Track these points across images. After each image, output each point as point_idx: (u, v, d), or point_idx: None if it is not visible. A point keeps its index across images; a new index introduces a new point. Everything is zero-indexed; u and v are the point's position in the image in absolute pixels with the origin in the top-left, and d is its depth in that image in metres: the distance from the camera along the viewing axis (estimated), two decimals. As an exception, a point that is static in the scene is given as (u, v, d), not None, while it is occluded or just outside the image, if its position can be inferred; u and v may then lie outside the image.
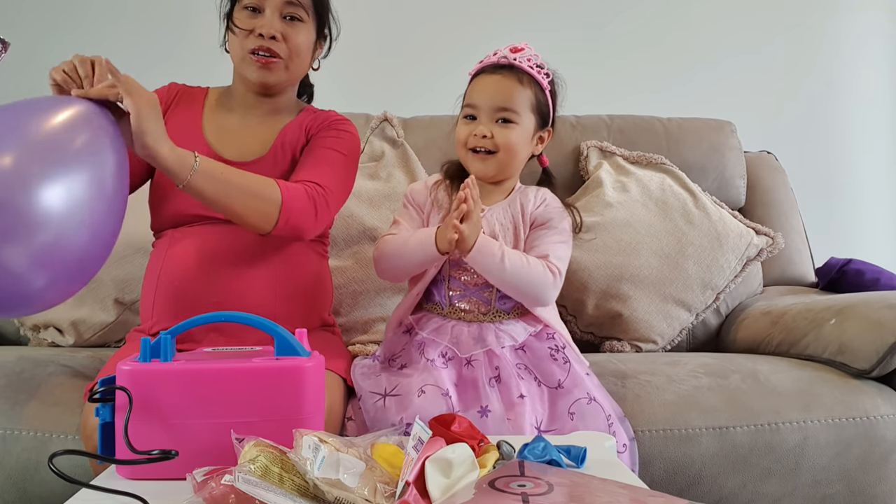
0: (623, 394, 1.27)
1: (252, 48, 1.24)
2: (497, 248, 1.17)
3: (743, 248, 1.76)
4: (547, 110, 1.28)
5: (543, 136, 1.30)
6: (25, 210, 0.84)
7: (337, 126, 1.32)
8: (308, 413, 0.81)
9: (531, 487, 0.64)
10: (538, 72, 1.26)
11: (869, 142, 2.43)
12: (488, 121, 1.23)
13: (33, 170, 0.86)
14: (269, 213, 1.13)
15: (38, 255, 0.85)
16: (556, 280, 1.21)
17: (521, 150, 1.26)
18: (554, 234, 1.24)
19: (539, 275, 1.19)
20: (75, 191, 0.89)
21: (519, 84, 1.24)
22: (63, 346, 1.61)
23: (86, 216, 0.91)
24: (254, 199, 1.12)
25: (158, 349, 0.82)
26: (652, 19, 2.37)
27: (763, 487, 1.24)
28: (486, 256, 1.16)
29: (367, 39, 2.23)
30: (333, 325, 1.42)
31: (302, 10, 1.25)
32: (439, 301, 1.28)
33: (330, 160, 1.26)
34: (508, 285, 1.20)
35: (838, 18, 2.42)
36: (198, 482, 0.67)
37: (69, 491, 0.73)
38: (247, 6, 1.24)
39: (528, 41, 1.31)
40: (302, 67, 1.31)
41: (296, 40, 1.25)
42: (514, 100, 1.23)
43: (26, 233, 0.84)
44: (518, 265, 1.18)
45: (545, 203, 1.28)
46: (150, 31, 2.23)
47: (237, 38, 1.26)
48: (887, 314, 1.33)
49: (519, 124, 1.23)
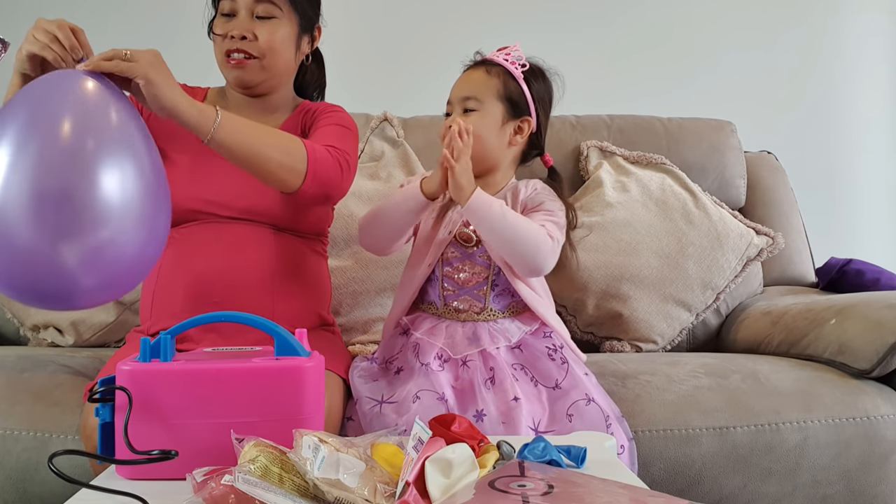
0: (623, 394, 1.27)
1: (226, 50, 1.25)
2: (495, 201, 1.17)
3: (743, 248, 1.76)
4: (520, 99, 1.27)
5: (522, 127, 1.28)
6: (89, 201, 0.82)
7: (332, 109, 1.33)
8: (308, 413, 0.81)
9: (531, 487, 0.64)
10: (511, 63, 1.27)
11: (869, 142, 2.43)
12: (458, 112, 1.27)
13: (89, 158, 0.83)
14: (297, 168, 1.12)
15: (95, 253, 0.83)
16: (554, 245, 1.19)
17: (490, 138, 1.25)
18: (546, 214, 1.24)
19: (537, 233, 1.18)
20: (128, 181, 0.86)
21: (486, 75, 1.27)
22: (63, 346, 1.62)
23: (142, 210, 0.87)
24: (281, 153, 1.11)
25: (158, 349, 0.82)
26: (652, 19, 2.37)
27: (763, 487, 1.24)
28: (484, 206, 1.15)
29: (367, 39, 2.23)
30: (333, 325, 1.41)
31: (275, 8, 1.25)
32: (434, 300, 1.28)
33: (337, 133, 1.26)
34: (506, 241, 1.17)
35: (839, 18, 2.42)
36: (198, 482, 0.67)
37: (69, 491, 0.73)
38: (223, 13, 1.26)
39: (528, 41, 1.31)
40: (282, 63, 1.29)
41: (268, 37, 1.25)
42: (476, 89, 1.26)
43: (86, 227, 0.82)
44: (517, 219, 1.17)
45: (536, 191, 1.29)
46: (150, 32, 2.23)
47: (216, 45, 1.27)
48: (887, 314, 1.33)
49: (481, 111, 1.25)
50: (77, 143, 0.84)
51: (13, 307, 1.64)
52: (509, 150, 1.30)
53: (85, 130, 0.85)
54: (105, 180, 0.84)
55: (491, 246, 1.22)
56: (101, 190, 0.83)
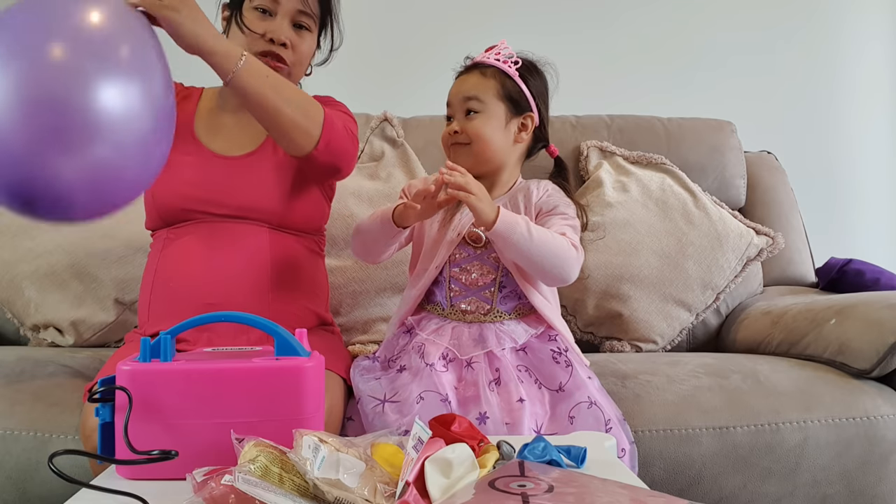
0: (623, 394, 1.27)
1: (260, 51, 1.22)
2: (521, 219, 1.15)
3: (743, 248, 1.76)
4: (520, 96, 1.27)
5: (526, 123, 1.29)
6: (83, 111, 0.79)
7: (335, 101, 1.33)
8: (308, 413, 0.81)
9: (531, 487, 0.64)
10: (504, 62, 1.27)
11: (869, 142, 2.43)
12: (460, 117, 1.27)
13: (87, 67, 0.81)
14: (312, 129, 1.12)
15: (91, 167, 0.82)
16: (579, 255, 1.19)
17: (495, 138, 1.26)
18: (563, 219, 1.23)
19: (565, 247, 1.16)
20: (132, 99, 0.84)
21: (482, 77, 1.28)
22: (63, 346, 1.61)
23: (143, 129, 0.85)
24: (299, 112, 1.11)
25: (158, 349, 0.82)
26: (652, 19, 2.37)
27: (763, 487, 1.24)
28: (511, 228, 1.13)
29: (368, 39, 2.22)
30: (332, 325, 1.41)
31: (311, 20, 1.25)
32: (440, 301, 1.28)
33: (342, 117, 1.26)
34: (535, 259, 1.15)
35: (839, 18, 2.42)
36: (198, 482, 0.67)
37: (69, 491, 0.73)
38: (258, 7, 1.22)
39: (528, 41, 1.31)
40: (301, 74, 1.31)
41: (302, 49, 1.25)
42: (476, 90, 1.26)
43: (82, 138, 0.80)
44: (545, 235, 1.15)
45: (548, 193, 1.28)
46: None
47: (243, 38, 1.23)
48: (887, 314, 1.33)
49: (484, 112, 1.25)
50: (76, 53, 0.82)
51: (13, 307, 1.64)
52: (515, 147, 1.30)
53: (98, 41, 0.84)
54: (107, 94, 0.82)
55: (514, 261, 1.21)
56: (100, 101, 0.81)
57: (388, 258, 1.33)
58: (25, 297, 1.62)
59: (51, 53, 0.80)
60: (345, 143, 1.18)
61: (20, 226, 1.67)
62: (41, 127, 0.79)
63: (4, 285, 1.64)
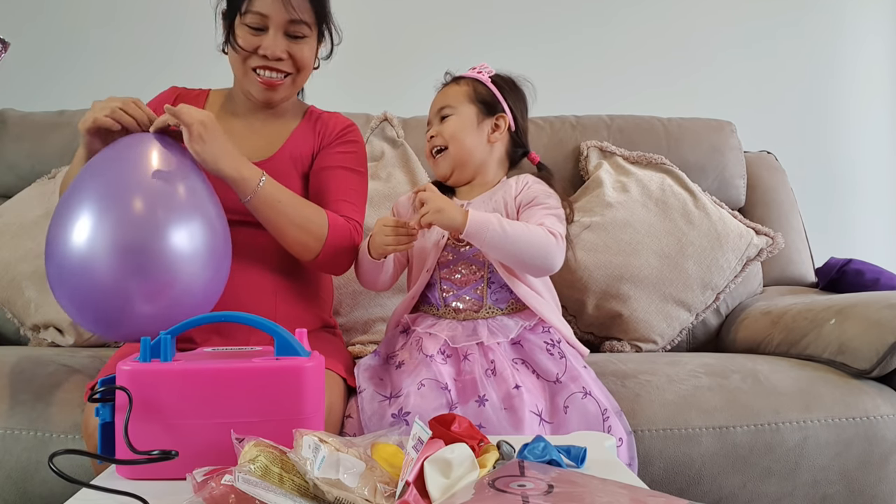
0: (623, 393, 1.27)
1: (255, 66, 1.23)
2: (493, 216, 1.18)
3: (743, 248, 1.76)
4: (491, 98, 1.33)
5: (499, 124, 1.33)
6: (158, 254, 0.98)
7: (348, 137, 1.34)
8: (308, 413, 0.81)
9: (531, 487, 0.64)
10: (479, 73, 1.35)
11: (869, 142, 2.43)
12: (436, 124, 1.35)
13: (160, 216, 0.99)
14: (313, 247, 1.20)
15: (164, 297, 0.98)
16: (559, 242, 1.20)
17: (469, 137, 1.31)
18: (543, 209, 1.26)
19: (542, 236, 1.19)
20: (196, 237, 1.02)
21: (455, 85, 1.36)
22: (63, 346, 1.61)
23: (207, 263, 1.03)
24: (302, 232, 1.18)
25: (158, 349, 0.82)
26: (652, 20, 2.37)
27: (763, 487, 1.24)
28: (482, 227, 1.16)
29: (368, 39, 2.22)
30: (335, 327, 1.41)
31: (305, 27, 1.24)
32: (434, 303, 1.30)
33: (355, 186, 1.31)
34: (514, 253, 1.18)
35: (839, 18, 2.42)
36: (198, 482, 0.67)
37: (69, 491, 0.73)
38: (250, 26, 1.21)
39: (528, 41, 1.33)
40: (307, 77, 1.31)
41: (302, 56, 1.25)
42: (448, 98, 1.34)
43: (158, 274, 0.98)
44: (519, 228, 1.18)
45: (527, 185, 1.30)
46: (148, 32, 2.23)
47: (238, 56, 1.24)
48: (887, 314, 1.33)
49: (455, 114, 1.32)
50: (154, 204, 1.00)
51: (13, 307, 1.64)
52: (492, 148, 1.34)
53: (160, 194, 1.02)
54: (175, 236, 1.00)
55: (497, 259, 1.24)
56: (170, 242, 0.99)
57: (394, 281, 1.35)
58: (25, 297, 1.62)
59: (133, 207, 0.99)
60: (341, 260, 1.25)
61: (20, 226, 1.67)
62: (128, 268, 0.97)
63: (4, 285, 1.64)
